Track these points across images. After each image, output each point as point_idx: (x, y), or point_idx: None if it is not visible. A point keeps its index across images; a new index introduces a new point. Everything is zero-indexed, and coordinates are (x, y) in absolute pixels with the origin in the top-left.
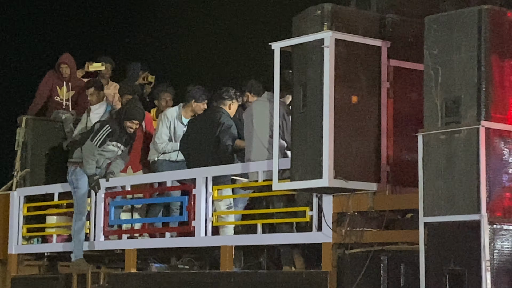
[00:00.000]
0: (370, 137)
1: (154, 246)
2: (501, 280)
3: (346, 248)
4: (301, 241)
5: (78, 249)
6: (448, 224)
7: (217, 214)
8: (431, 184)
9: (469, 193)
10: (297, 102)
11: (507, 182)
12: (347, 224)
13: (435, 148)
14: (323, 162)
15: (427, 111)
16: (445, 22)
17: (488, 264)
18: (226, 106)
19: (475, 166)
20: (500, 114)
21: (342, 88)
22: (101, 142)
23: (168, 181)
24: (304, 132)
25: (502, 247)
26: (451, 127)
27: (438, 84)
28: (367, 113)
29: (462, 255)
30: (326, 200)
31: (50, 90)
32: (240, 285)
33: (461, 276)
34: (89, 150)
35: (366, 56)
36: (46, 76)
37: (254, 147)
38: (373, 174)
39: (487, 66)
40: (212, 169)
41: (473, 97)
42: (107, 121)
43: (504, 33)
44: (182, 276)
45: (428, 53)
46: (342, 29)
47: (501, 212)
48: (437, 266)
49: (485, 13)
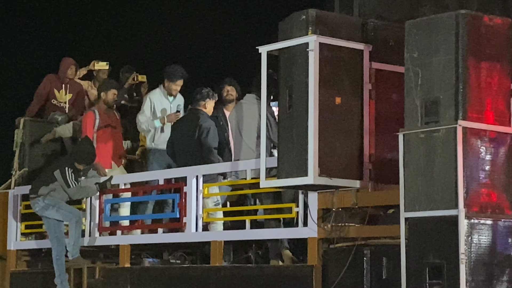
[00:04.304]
0: (353, 136)
1: (147, 242)
2: (478, 272)
3: (331, 243)
4: (287, 236)
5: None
6: (428, 219)
7: (207, 211)
8: (411, 181)
9: (448, 189)
10: (283, 103)
11: (484, 179)
12: (331, 219)
13: (415, 147)
14: (308, 161)
15: (408, 111)
16: (425, 26)
17: (465, 257)
18: (202, 106)
19: (453, 164)
20: (476, 114)
21: (326, 89)
22: (75, 181)
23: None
24: (290, 132)
25: (479, 241)
26: (430, 126)
27: (418, 85)
28: (350, 114)
29: (441, 248)
30: (311, 197)
31: (47, 94)
32: (230, 279)
33: (440, 269)
34: (78, 192)
35: (349, 59)
36: (44, 80)
37: (242, 147)
38: (356, 171)
39: (465, 68)
40: (202, 168)
41: (451, 97)
42: (64, 164)
43: (481, 36)
44: (174, 270)
45: (409, 56)
46: (326, 34)
47: (478, 208)
48: (417, 259)
49: (462, 18)
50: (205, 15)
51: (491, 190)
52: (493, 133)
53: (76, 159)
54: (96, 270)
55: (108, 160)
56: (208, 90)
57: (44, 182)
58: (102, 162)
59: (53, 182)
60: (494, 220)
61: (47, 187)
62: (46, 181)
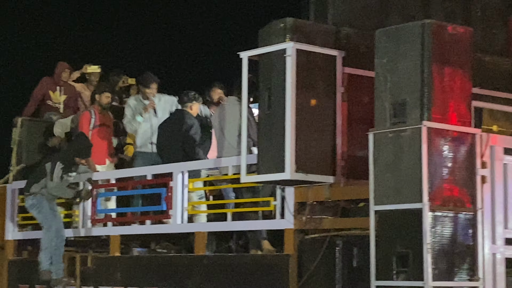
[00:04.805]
0: (327, 135)
1: (136, 232)
2: (441, 260)
3: (306, 234)
4: (266, 228)
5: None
6: (395, 212)
7: (192, 204)
8: (380, 177)
9: (413, 184)
10: (263, 104)
11: (446, 175)
12: (307, 212)
13: (384, 145)
14: (286, 158)
15: (377, 113)
16: (393, 34)
17: (430, 247)
18: (188, 108)
19: (419, 161)
20: (440, 115)
21: (302, 92)
22: (60, 177)
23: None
24: (269, 131)
25: (442, 232)
26: (398, 126)
27: (387, 89)
28: (324, 115)
29: (407, 239)
30: (288, 191)
31: (43, 95)
32: (212, 267)
33: (407, 257)
34: (56, 187)
35: (323, 64)
36: (40, 83)
37: (224, 145)
38: (330, 168)
39: (429, 73)
40: (187, 164)
41: (417, 100)
42: (56, 159)
43: (444, 44)
44: (161, 259)
45: (378, 61)
46: (302, 40)
47: (441, 201)
48: (386, 248)
49: (428, 27)
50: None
51: (453, 185)
52: (455, 133)
53: (77, 153)
54: (88, 258)
55: (102, 157)
56: (194, 93)
57: (36, 178)
58: (97, 158)
59: (44, 177)
60: (456, 213)
61: (38, 184)
62: (38, 177)
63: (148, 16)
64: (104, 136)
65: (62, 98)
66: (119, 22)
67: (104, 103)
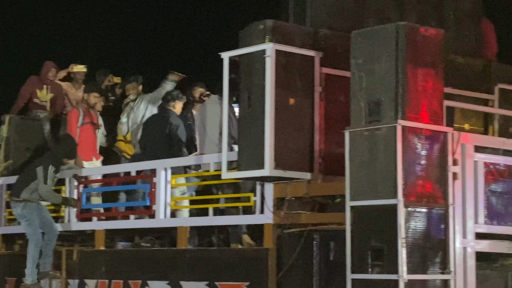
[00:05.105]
0: (305, 133)
1: (120, 227)
2: (414, 254)
3: (284, 228)
4: (246, 222)
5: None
6: (371, 207)
7: (175, 199)
8: (356, 174)
9: (388, 181)
10: (243, 103)
11: (420, 172)
12: (285, 207)
13: (360, 143)
14: (265, 155)
15: (353, 112)
16: (369, 36)
17: (404, 241)
18: (171, 107)
19: (393, 158)
20: (414, 114)
21: (281, 91)
22: (52, 180)
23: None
24: (249, 129)
25: (416, 227)
26: (373, 125)
27: (362, 88)
28: (303, 113)
29: (382, 233)
30: (267, 187)
31: (30, 93)
32: (194, 260)
33: (381, 252)
34: (48, 192)
35: (301, 65)
36: (27, 81)
37: (206, 143)
38: (308, 165)
39: (403, 74)
40: (170, 161)
41: (392, 99)
42: (48, 162)
43: (418, 45)
44: (144, 252)
45: (354, 62)
46: (282, 41)
47: (415, 197)
48: (361, 243)
49: (402, 29)
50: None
51: (426, 181)
52: (428, 131)
53: (66, 155)
54: (74, 252)
55: (89, 153)
56: (178, 92)
57: (26, 182)
58: (84, 155)
59: (33, 180)
60: (429, 208)
61: (28, 188)
62: (27, 180)
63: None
64: (90, 133)
65: (48, 96)
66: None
67: (91, 102)
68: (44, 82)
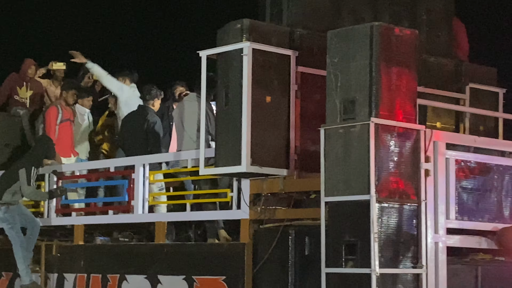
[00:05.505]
0: (281, 130)
1: (99, 222)
2: (387, 249)
3: (260, 223)
4: (223, 218)
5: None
6: (345, 203)
7: (153, 195)
8: (331, 170)
9: (362, 177)
10: (220, 101)
11: (392, 169)
12: (261, 203)
13: (335, 140)
14: (242, 152)
15: (329, 109)
16: (344, 35)
17: (376, 236)
18: (150, 104)
19: (367, 155)
20: (387, 112)
21: (258, 89)
22: (35, 180)
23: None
24: (226, 126)
25: (388, 222)
26: (348, 122)
27: (337, 87)
28: (279, 111)
29: (355, 228)
30: (244, 183)
31: (10, 90)
32: (172, 255)
33: (355, 246)
34: (32, 192)
35: (278, 63)
36: (8, 78)
37: (184, 139)
38: (284, 161)
39: (377, 73)
40: (148, 157)
41: (366, 98)
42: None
43: (392, 45)
44: (123, 247)
45: (330, 61)
46: (258, 40)
47: (387, 193)
48: (335, 238)
49: (376, 29)
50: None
51: (398, 178)
52: (401, 129)
53: (47, 155)
54: (53, 247)
55: (68, 150)
56: (157, 90)
57: (7, 184)
58: (63, 151)
59: (15, 182)
60: (401, 204)
61: (9, 190)
62: (9, 182)
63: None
64: (69, 130)
65: (28, 94)
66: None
67: (70, 99)
68: (24, 79)
